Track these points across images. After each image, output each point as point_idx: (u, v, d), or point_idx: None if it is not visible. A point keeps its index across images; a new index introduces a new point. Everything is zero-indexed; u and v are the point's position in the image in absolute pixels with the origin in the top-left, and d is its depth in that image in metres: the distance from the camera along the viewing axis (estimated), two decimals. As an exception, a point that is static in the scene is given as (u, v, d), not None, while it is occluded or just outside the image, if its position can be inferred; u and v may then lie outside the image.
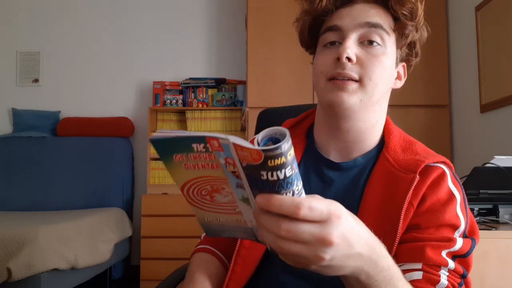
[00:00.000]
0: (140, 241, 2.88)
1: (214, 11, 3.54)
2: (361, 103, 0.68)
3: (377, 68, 0.68)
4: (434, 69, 2.68)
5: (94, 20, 3.54)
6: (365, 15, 0.69)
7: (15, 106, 3.44)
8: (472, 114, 2.42)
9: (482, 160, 1.53)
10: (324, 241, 0.42)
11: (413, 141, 0.75)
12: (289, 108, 1.21)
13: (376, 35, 0.68)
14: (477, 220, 1.40)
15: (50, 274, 1.99)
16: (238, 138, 0.41)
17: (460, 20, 2.58)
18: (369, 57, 0.68)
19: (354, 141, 0.73)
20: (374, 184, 0.70)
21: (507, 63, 2.06)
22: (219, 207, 0.51)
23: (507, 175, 1.34)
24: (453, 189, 0.67)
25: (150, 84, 3.41)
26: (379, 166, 0.71)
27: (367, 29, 0.68)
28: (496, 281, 1.22)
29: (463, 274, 0.63)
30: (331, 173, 0.75)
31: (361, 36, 0.69)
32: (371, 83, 0.67)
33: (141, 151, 3.43)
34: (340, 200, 0.72)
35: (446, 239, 0.63)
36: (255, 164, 0.40)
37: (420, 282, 0.61)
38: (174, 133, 0.43)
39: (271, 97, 2.69)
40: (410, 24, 0.70)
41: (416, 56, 0.77)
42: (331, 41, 0.70)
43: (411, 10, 0.70)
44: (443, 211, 0.65)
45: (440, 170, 0.68)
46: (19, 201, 3.01)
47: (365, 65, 0.67)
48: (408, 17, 0.70)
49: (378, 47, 0.68)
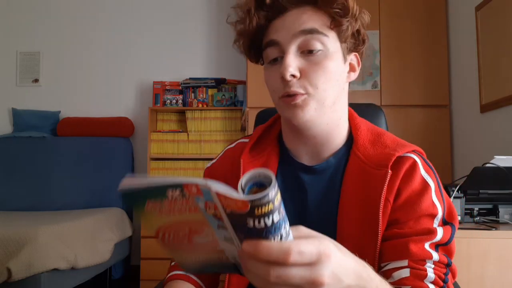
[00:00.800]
0: (140, 241, 2.88)
1: (214, 11, 3.54)
2: (316, 112, 0.68)
3: (322, 75, 0.67)
4: (434, 69, 2.68)
5: (94, 20, 3.54)
6: (298, 23, 0.67)
7: (15, 106, 3.44)
8: (472, 114, 2.42)
9: (482, 160, 1.53)
10: (315, 282, 0.42)
11: (380, 132, 0.75)
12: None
13: (314, 41, 0.67)
14: (477, 220, 1.40)
15: (50, 274, 1.99)
16: (219, 184, 0.38)
17: (460, 20, 2.58)
18: (312, 66, 0.67)
19: (322, 143, 0.73)
20: (349, 185, 0.70)
21: (507, 63, 2.06)
22: (199, 247, 0.47)
23: (507, 175, 1.34)
24: (426, 177, 0.67)
25: (150, 84, 3.41)
26: (351, 165, 0.71)
27: (303, 37, 0.67)
28: (496, 281, 1.22)
29: (447, 263, 0.65)
30: (306, 177, 0.74)
31: (300, 46, 0.67)
32: (318, 91, 0.67)
33: (141, 151, 3.43)
34: (319, 205, 0.73)
35: (426, 231, 0.64)
36: (240, 213, 0.38)
37: (408, 279, 0.62)
38: (146, 180, 0.39)
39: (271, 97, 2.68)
40: (346, 20, 0.68)
41: (363, 43, 0.74)
42: (274, 58, 0.70)
43: (342, 6, 0.68)
44: (419, 202, 0.65)
45: (411, 160, 0.68)
46: (19, 201, 3.01)
47: (309, 76, 0.67)
48: (341, 13, 0.68)
49: (319, 53, 0.67)
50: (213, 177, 0.79)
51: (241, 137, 0.86)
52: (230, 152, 0.83)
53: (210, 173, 0.82)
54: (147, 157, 3.20)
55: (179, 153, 3.20)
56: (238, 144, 0.83)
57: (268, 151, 0.78)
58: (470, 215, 1.41)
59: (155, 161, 3.20)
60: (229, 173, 0.78)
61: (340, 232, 0.68)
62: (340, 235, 0.67)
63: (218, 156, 0.85)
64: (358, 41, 0.73)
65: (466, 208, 1.41)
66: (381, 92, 2.67)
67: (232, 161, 0.79)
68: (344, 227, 0.67)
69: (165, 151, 3.22)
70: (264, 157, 0.77)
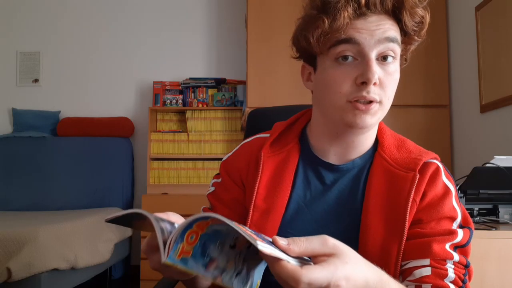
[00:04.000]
0: (140, 241, 2.88)
1: (214, 11, 3.54)
2: (378, 120, 0.70)
3: (393, 86, 0.69)
4: (434, 69, 2.68)
5: (94, 20, 3.54)
6: (383, 29, 0.66)
7: (15, 106, 3.44)
8: (472, 114, 2.41)
9: (482, 160, 1.53)
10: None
11: (403, 139, 0.78)
12: (280, 109, 1.22)
13: (391, 50, 0.67)
14: (477, 220, 1.40)
15: (50, 274, 1.99)
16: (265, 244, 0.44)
17: (460, 20, 2.58)
18: (387, 77, 0.67)
19: (356, 146, 0.75)
20: (374, 184, 0.71)
21: (507, 63, 2.06)
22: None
23: (507, 175, 1.34)
24: (448, 183, 0.71)
25: (150, 84, 3.41)
26: (377, 165, 0.73)
27: (385, 45, 0.66)
28: (496, 281, 1.22)
29: (466, 264, 0.67)
30: (330, 175, 0.75)
31: (379, 53, 0.67)
32: (388, 101, 0.69)
33: (141, 151, 3.43)
34: (343, 203, 0.74)
35: (448, 232, 0.67)
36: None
37: (430, 278, 0.63)
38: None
39: (271, 97, 2.68)
40: (418, 38, 0.71)
41: (406, 61, 0.76)
42: (345, 56, 0.67)
43: (420, 24, 0.69)
44: (442, 205, 0.68)
45: (435, 165, 0.72)
46: (19, 201, 3.01)
47: (384, 86, 0.67)
48: (416, 32, 0.69)
49: (392, 64, 0.68)
50: (228, 171, 0.81)
51: (259, 133, 0.85)
52: (247, 147, 0.82)
53: (226, 167, 0.82)
54: (147, 157, 3.20)
55: (179, 153, 3.20)
56: (256, 139, 0.83)
57: (289, 148, 0.78)
58: (470, 215, 1.41)
59: (155, 161, 3.20)
60: (246, 167, 0.78)
61: (364, 228, 0.69)
62: (364, 232, 0.68)
63: (234, 150, 0.85)
64: (404, 59, 0.75)
65: (466, 208, 1.40)
66: (381, 92, 2.67)
67: (249, 155, 0.80)
68: (368, 225, 0.69)
69: (165, 151, 3.22)
70: (285, 153, 0.78)
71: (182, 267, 0.45)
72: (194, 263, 0.46)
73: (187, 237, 0.45)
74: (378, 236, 0.67)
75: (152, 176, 3.20)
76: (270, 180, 0.75)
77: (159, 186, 3.17)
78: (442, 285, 0.63)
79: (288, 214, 0.73)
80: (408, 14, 0.67)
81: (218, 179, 0.83)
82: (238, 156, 0.82)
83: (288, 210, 0.73)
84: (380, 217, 0.68)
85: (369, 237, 0.67)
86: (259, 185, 0.74)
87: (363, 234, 0.68)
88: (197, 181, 3.17)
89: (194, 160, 3.19)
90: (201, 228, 0.46)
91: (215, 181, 0.84)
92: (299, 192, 0.75)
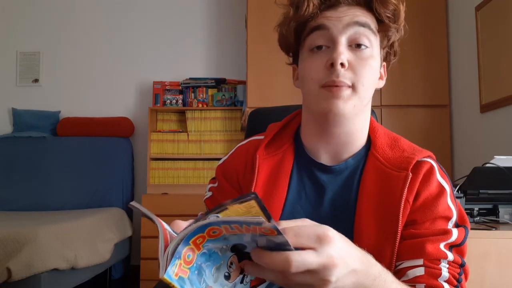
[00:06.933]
0: (140, 241, 2.88)
1: (214, 11, 3.54)
2: (354, 109, 0.68)
3: (368, 72, 0.68)
4: (434, 69, 2.68)
5: (94, 20, 3.54)
6: (352, 15, 0.68)
7: (15, 106, 3.44)
8: (472, 114, 2.42)
9: (482, 160, 1.53)
10: (322, 284, 0.47)
11: (397, 137, 0.77)
12: (280, 109, 1.22)
13: (364, 37, 0.68)
14: (477, 220, 1.40)
15: (50, 274, 1.99)
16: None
17: (460, 20, 2.58)
18: (359, 61, 0.68)
19: (345, 143, 0.74)
20: (367, 185, 0.71)
21: (507, 63, 2.06)
22: None
23: (507, 175, 1.34)
24: (442, 181, 0.70)
25: (150, 84, 3.41)
26: (370, 165, 0.72)
27: (356, 29, 0.68)
28: (496, 281, 1.22)
29: (461, 264, 0.66)
30: (324, 176, 0.75)
31: (350, 39, 0.68)
32: (363, 88, 0.68)
33: (141, 151, 3.42)
34: (337, 204, 0.74)
35: (442, 231, 0.66)
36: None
37: (423, 277, 0.63)
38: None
39: (271, 97, 2.69)
40: (394, 27, 0.71)
41: (395, 55, 0.77)
42: (318, 45, 0.69)
43: (394, 12, 0.70)
44: (436, 204, 0.67)
45: (429, 164, 0.71)
46: (19, 201, 3.01)
47: (356, 70, 0.67)
48: (391, 19, 0.70)
49: (366, 50, 0.68)
50: (225, 174, 0.80)
51: (254, 135, 0.85)
52: (243, 149, 0.82)
53: (222, 170, 0.82)
54: (147, 157, 3.21)
55: (179, 153, 3.20)
56: (251, 141, 0.83)
57: (284, 149, 0.78)
58: (470, 215, 1.41)
59: (155, 161, 3.20)
60: (242, 169, 0.78)
61: (357, 230, 0.68)
62: (358, 233, 0.68)
63: (229, 153, 0.85)
64: (391, 52, 0.76)
65: (466, 208, 1.40)
66: (381, 92, 2.67)
67: (245, 157, 0.80)
68: (361, 225, 0.68)
69: (165, 151, 3.22)
70: (280, 154, 0.78)
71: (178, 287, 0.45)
72: (190, 287, 0.46)
73: (184, 256, 0.45)
74: (372, 238, 0.67)
75: (152, 176, 3.20)
76: (266, 182, 0.75)
77: (159, 186, 3.17)
78: (435, 285, 0.62)
79: (284, 216, 0.73)
80: (379, 3, 0.69)
81: (215, 184, 0.83)
82: (234, 158, 0.82)
83: (284, 212, 0.73)
84: (373, 219, 0.68)
85: (362, 239, 0.67)
86: (255, 187, 0.74)
87: (357, 236, 0.68)
88: (197, 181, 3.17)
89: (194, 160, 3.19)
90: (197, 246, 0.46)
91: (211, 185, 0.84)
92: (294, 193, 0.75)
